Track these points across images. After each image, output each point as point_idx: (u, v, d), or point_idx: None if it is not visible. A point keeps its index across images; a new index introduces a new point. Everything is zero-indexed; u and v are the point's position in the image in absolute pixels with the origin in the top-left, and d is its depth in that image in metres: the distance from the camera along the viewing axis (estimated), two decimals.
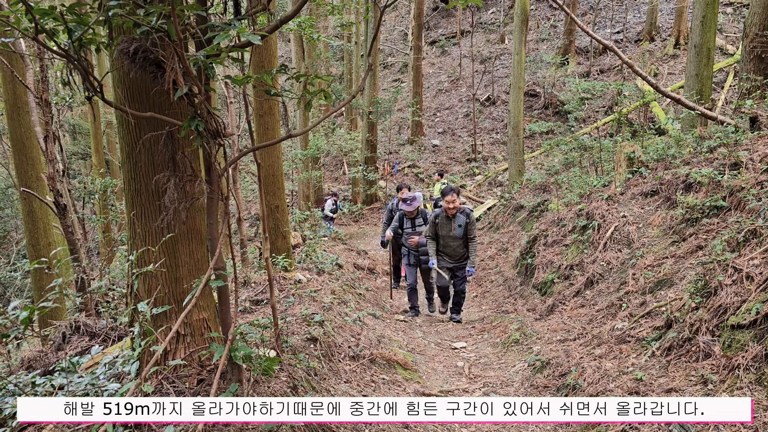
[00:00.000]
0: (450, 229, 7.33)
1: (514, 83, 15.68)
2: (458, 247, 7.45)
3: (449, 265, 7.55)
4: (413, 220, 8.23)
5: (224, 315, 2.96)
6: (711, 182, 6.27)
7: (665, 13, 24.31)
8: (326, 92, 2.84)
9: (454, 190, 7.24)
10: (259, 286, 6.36)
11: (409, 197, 8.07)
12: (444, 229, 7.36)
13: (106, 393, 2.88)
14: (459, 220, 7.28)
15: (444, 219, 7.33)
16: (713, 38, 9.71)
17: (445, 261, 7.56)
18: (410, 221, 8.23)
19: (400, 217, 8.34)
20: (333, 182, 23.35)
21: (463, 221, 7.28)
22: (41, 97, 6.52)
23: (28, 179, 7.88)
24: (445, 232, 7.36)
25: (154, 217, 2.97)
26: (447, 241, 7.43)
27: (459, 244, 7.43)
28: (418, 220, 8.23)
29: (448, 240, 7.41)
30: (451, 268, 7.58)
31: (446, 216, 7.30)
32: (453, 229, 7.32)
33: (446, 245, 7.47)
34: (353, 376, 4.61)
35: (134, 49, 2.32)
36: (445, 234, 7.38)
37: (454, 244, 7.42)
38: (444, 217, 7.32)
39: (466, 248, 7.49)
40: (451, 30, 32.09)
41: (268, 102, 6.91)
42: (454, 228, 7.31)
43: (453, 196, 7.17)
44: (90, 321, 5.30)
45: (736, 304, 3.94)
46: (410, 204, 8.03)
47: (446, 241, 7.44)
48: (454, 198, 7.18)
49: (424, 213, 8.33)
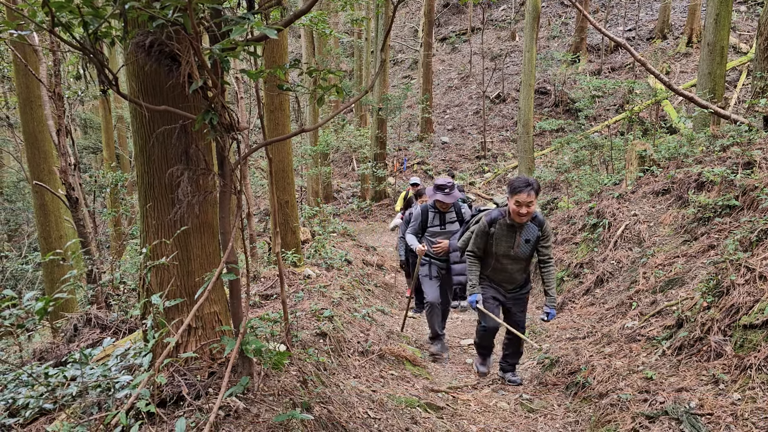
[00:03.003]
0: (511, 245, 4.79)
1: (525, 80, 15.60)
2: (518, 271, 4.97)
3: (500, 297, 5.06)
4: (443, 215, 6.09)
5: (236, 309, 2.98)
6: (723, 181, 6.23)
7: (678, 11, 24.10)
8: (339, 88, 2.84)
9: (531, 184, 4.52)
10: (268, 281, 6.38)
11: (448, 183, 5.86)
12: (502, 243, 4.80)
13: (118, 385, 2.90)
14: (528, 231, 4.78)
15: (505, 229, 4.77)
16: (727, 36, 9.62)
17: (493, 290, 5.05)
18: (439, 217, 6.09)
19: (423, 212, 6.10)
20: (342, 178, 23.36)
21: (533, 234, 4.78)
22: (54, 90, 6.56)
23: (40, 172, 7.92)
24: (503, 248, 4.82)
25: (167, 211, 2.98)
26: (502, 262, 4.90)
27: (520, 268, 4.96)
28: (450, 215, 6.09)
29: (505, 261, 4.88)
30: (503, 302, 5.08)
31: (509, 225, 4.74)
32: (516, 245, 4.79)
33: (499, 268, 4.94)
34: (362, 372, 4.62)
35: (150, 42, 2.33)
36: (501, 251, 4.83)
37: (513, 267, 4.91)
38: (506, 226, 4.76)
39: (527, 271, 5.10)
40: (461, 27, 31.98)
41: (278, 97, 6.92)
42: (519, 243, 4.79)
43: (530, 195, 4.48)
44: (101, 313, 5.34)
45: (749, 304, 3.92)
46: (449, 193, 5.84)
47: (501, 262, 4.91)
48: (531, 198, 4.50)
49: (460, 208, 6.17)
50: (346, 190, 22.14)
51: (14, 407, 3.03)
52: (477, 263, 4.97)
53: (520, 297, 5.09)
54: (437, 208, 6.04)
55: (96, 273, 6.44)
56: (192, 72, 2.35)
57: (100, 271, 6.67)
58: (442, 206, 5.98)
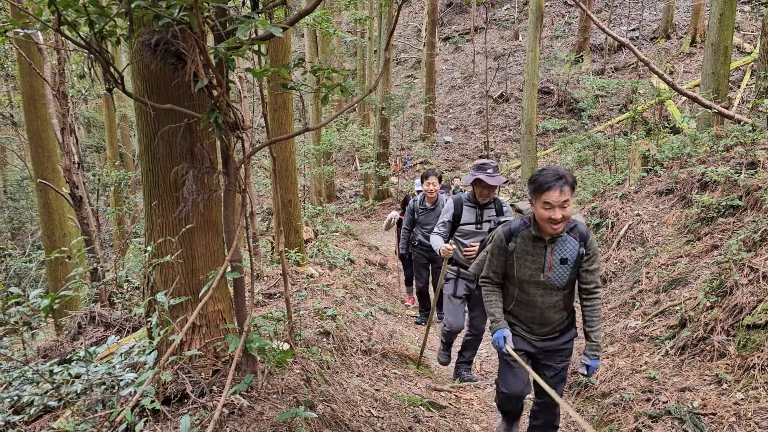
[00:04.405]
0: (540, 267, 3.15)
1: (528, 80, 15.61)
2: (552, 307, 3.24)
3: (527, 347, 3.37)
4: (482, 211, 4.72)
5: (240, 307, 2.99)
6: (727, 181, 6.22)
7: (681, 11, 24.06)
8: (343, 87, 2.85)
9: (564, 177, 2.93)
10: (271, 280, 6.39)
11: (491, 164, 4.49)
12: (526, 265, 3.18)
13: (123, 382, 2.91)
14: (565, 247, 3.12)
15: (530, 244, 3.16)
16: (731, 36, 9.61)
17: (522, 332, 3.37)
18: (476, 212, 4.72)
19: (457, 205, 4.73)
20: (345, 178, 23.37)
21: (572, 251, 3.12)
22: (58, 89, 6.59)
23: (44, 171, 7.94)
24: (528, 272, 3.19)
25: (172, 209, 2.99)
26: (529, 292, 3.23)
27: (556, 302, 3.23)
28: (489, 212, 4.72)
29: (532, 290, 3.22)
30: (533, 354, 3.39)
31: (536, 237, 3.14)
32: (548, 268, 3.14)
33: (525, 301, 3.28)
34: (365, 370, 4.63)
35: (155, 41, 2.34)
36: (526, 276, 3.20)
37: (544, 300, 3.22)
38: (531, 240, 3.16)
39: (569, 308, 3.33)
40: (464, 26, 31.97)
41: (282, 96, 6.92)
42: (551, 264, 3.14)
43: (564, 192, 2.92)
44: (105, 311, 5.36)
45: (752, 304, 3.92)
46: (493, 175, 4.44)
47: (527, 292, 3.24)
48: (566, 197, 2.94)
49: (501, 205, 4.77)
50: (349, 189, 22.16)
51: (19, 404, 3.04)
52: (496, 292, 3.37)
53: (559, 350, 3.34)
54: (475, 201, 4.66)
55: (100, 271, 6.46)
56: (197, 71, 2.36)
57: (104, 270, 6.69)
58: (483, 195, 4.57)
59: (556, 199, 2.90)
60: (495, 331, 3.28)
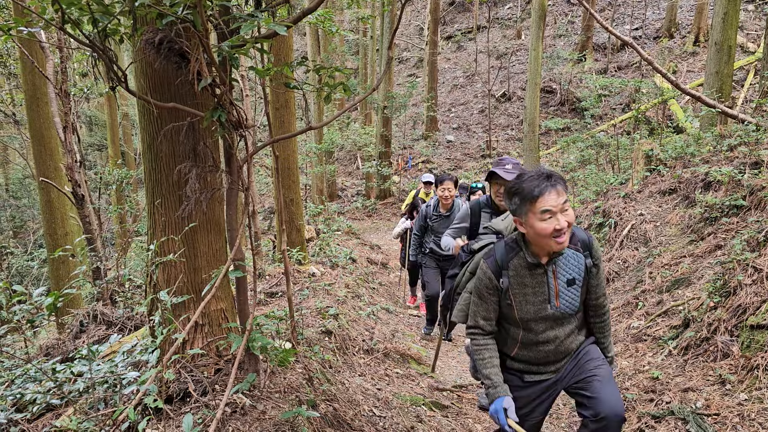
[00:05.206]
0: (546, 298, 2.52)
1: (531, 79, 15.58)
2: (569, 335, 2.63)
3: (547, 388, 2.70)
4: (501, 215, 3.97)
5: (242, 306, 2.98)
6: (731, 181, 6.20)
7: (685, 10, 24.01)
8: (346, 86, 2.84)
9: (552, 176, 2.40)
10: (273, 279, 6.39)
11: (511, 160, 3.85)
12: (528, 301, 2.53)
13: (125, 381, 2.91)
14: (568, 265, 2.52)
15: (527, 273, 2.51)
16: (734, 35, 9.58)
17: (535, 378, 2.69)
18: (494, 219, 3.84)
19: (475, 212, 4.30)
20: (347, 177, 23.37)
21: (578, 266, 2.54)
22: (60, 87, 6.58)
23: (46, 169, 7.95)
24: (533, 308, 2.53)
25: (175, 207, 2.98)
26: (537, 330, 2.57)
27: (572, 330, 2.63)
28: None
29: (541, 327, 2.57)
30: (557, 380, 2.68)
31: (532, 264, 2.50)
32: (553, 296, 2.52)
33: (534, 341, 2.60)
34: (367, 369, 4.62)
35: (159, 39, 2.34)
36: (531, 314, 2.54)
37: (559, 332, 2.59)
38: (527, 269, 2.52)
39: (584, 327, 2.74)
40: (467, 25, 31.92)
41: (284, 95, 6.92)
42: (558, 291, 2.52)
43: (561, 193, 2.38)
44: (107, 310, 5.36)
45: (756, 304, 3.90)
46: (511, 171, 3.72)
47: (534, 331, 2.57)
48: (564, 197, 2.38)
49: None
50: (351, 188, 22.15)
51: (22, 402, 3.04)
52: (489, 347, 2.64)
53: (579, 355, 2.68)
54: (494, 207, 4.17)
55: (102, 270, 6.46)
56: (201, 69, 2.35)
57: (106, 268, 6.69)
58: (499, 194, 3.99)
59: (555, 202, 2.34)
60: (492, 401, 2.54)
